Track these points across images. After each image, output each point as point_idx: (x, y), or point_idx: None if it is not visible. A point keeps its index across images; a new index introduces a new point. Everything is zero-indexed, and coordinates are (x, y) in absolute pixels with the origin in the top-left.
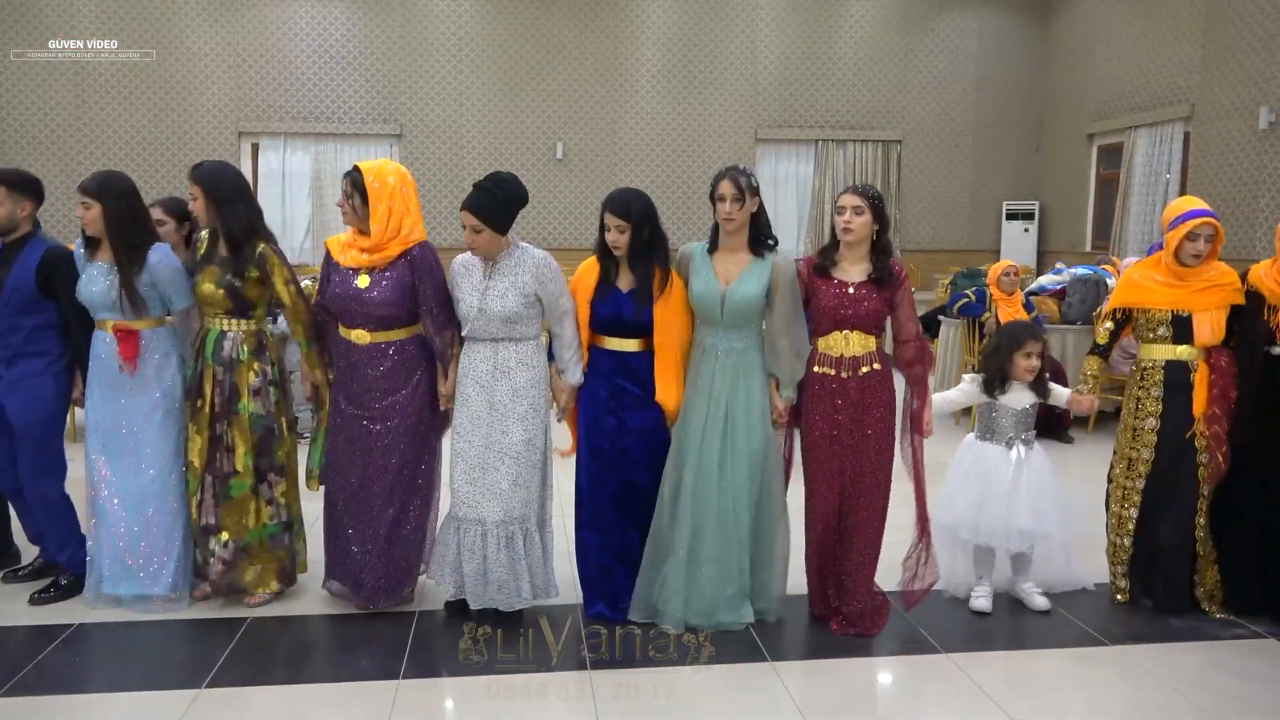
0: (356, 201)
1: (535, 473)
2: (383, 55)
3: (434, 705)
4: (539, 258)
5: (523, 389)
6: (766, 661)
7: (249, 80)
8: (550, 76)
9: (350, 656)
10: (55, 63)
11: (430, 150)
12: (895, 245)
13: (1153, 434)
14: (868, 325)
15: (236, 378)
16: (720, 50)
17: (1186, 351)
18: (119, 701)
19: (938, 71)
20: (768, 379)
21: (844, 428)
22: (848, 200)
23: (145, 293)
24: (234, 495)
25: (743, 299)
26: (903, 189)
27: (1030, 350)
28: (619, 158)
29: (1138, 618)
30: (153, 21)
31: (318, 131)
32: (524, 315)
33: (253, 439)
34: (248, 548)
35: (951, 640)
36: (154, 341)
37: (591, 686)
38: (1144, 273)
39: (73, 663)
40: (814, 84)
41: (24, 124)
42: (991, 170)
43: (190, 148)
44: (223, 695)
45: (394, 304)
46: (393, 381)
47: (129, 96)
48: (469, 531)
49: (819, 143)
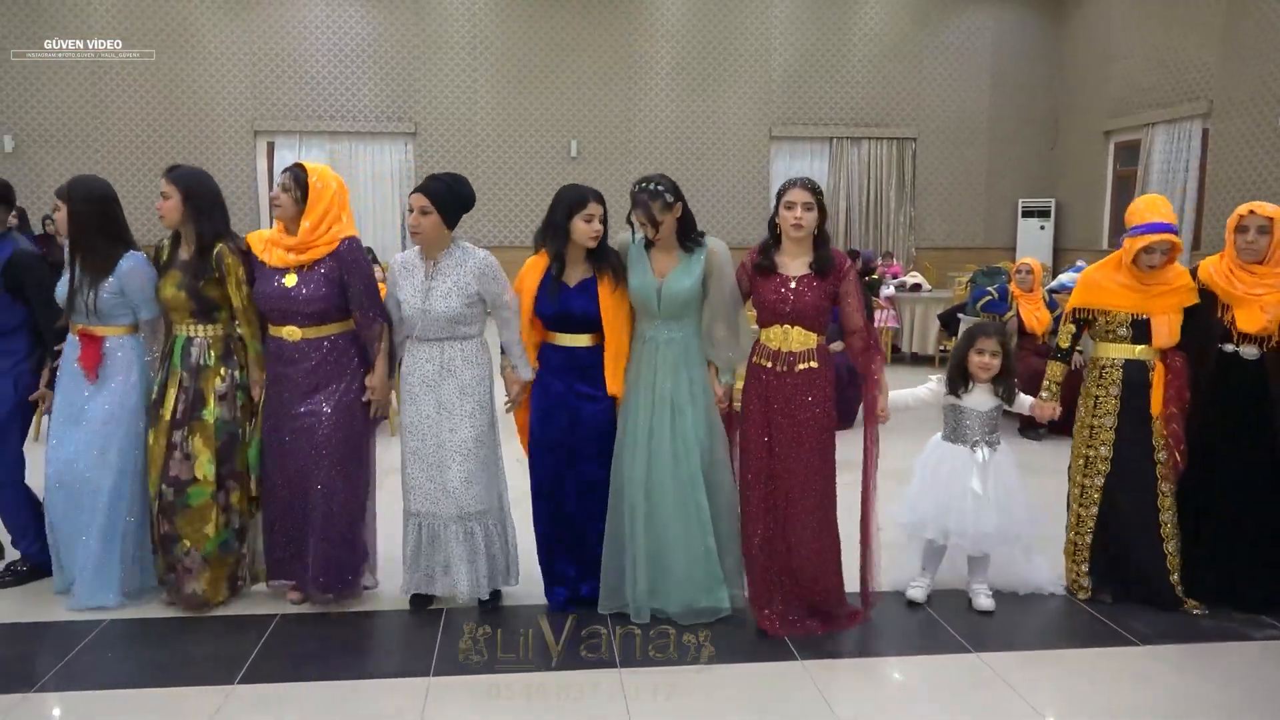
0: (297, 195)
1: (487, 468)
2: (397, 54)
3: (466, 703)
4: (480, 257)
5: (469, 387)
6: (797, 661)
7: (265, 79)
8: (564, 75)
9: (381, 654)
10: (70, 62)
11: (445, 148)
12: (910, 243)
13: (1110, 432)
14: (809, 320)
15: (202, 383)
16: (734, 48)
17: (1144, 351)
18: (153, 697)
19: (953, 68)
20: (707, 365)
21: (777, 422)
22: (798, 196)
23: (112, 300)
24: (193, 504)
25: (678, 291)
26: (917, 186)
27: (983, 347)
28: (633, 155)
29: (1168, 619)
30: (168, 21)
31: (333, 130)
32: (467, 315)
33: (217, 445)
34: (207, 558)
35: (946, 641)
36: (118, 350)
37: (622, 686)
38: (1104, 274)
39: (106, 659)
40: (828, 81)
41: (41, 123)
42: (1007, 167)
43: (206, 147)
44: (255, 691)
45: (323, 299)
46: (326, 376)
47: (145, 96)
48: (427, 527)
49: (833, 140)
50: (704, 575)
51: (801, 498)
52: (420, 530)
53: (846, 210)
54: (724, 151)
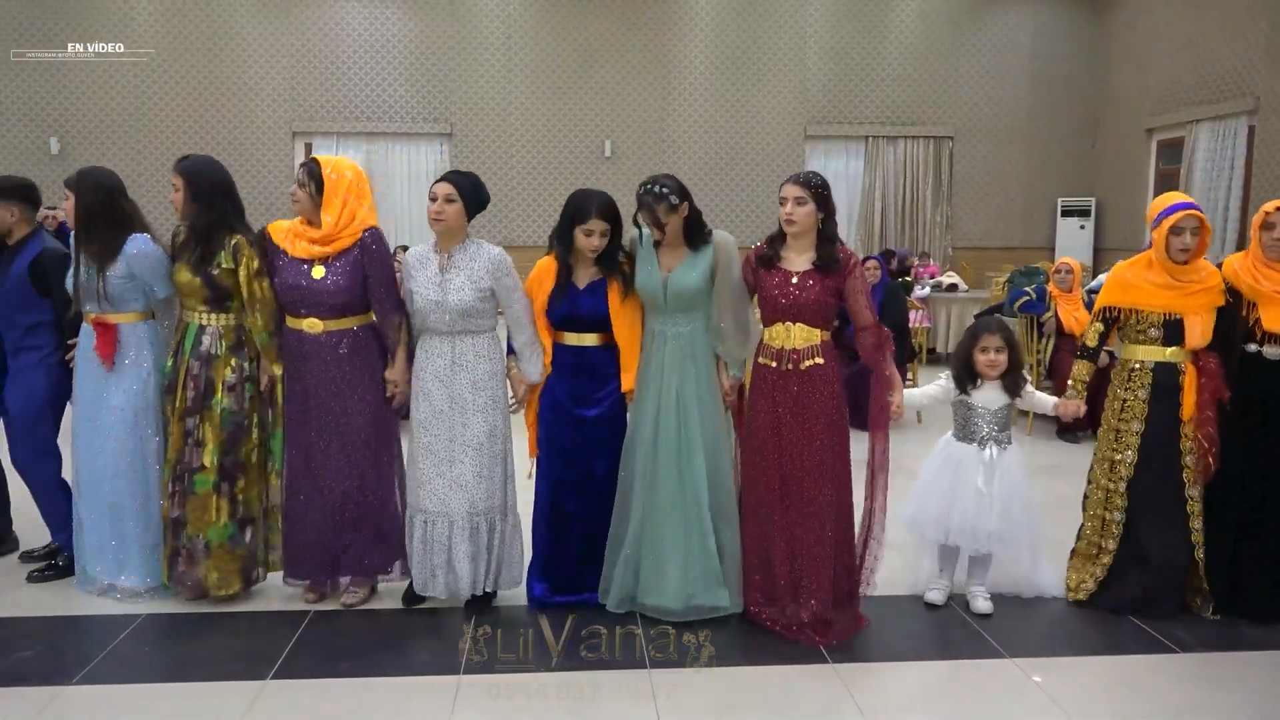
0: (312, 189)
1: (498, 464)
2: (433, 55)
3: (495, 701)
4: (494, 253)
5: (482, 381)
6: (829, 664)
7: (302, 81)
8: (598, 74)
9: (412, 651)
10: (112, 62)
11: (480, 149)
12: (946, 242)
13: (1136, 436)
14: (811, 317)
15: (213, 373)
16: (769, 46)
17: (1175, 353)
18: (189, 692)
19: (990, 66)
20: (716, 360)
21: (786, 422)
22: (789, 191)
23: (122, 284)
24: (197, 491)
25: (684, 285)
26: (954, 185)
27: (986, 345)
28: (667, 155)
29: (1204, 626)
30: (208, 23)
31: (369, 131)
32: (479, 309)
33: (222, 435)
34: (209, 545)
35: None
36: (132, 337)
37: (652, 686)
38: (1136, 273)
39: (142, 652)
40: (864, 79)
41: (85, 125)
42: (1046, 166)
43: (246, 147)
44: (289, 687)
45: (349, 290)
46: (349, 370)
47: (186, 98)
48: (436, 524)
49: (869, 139)
50: (703, 573)
51: (817, 496)
52: (426, 527)
53: (882, 210)
54: (758, 151)
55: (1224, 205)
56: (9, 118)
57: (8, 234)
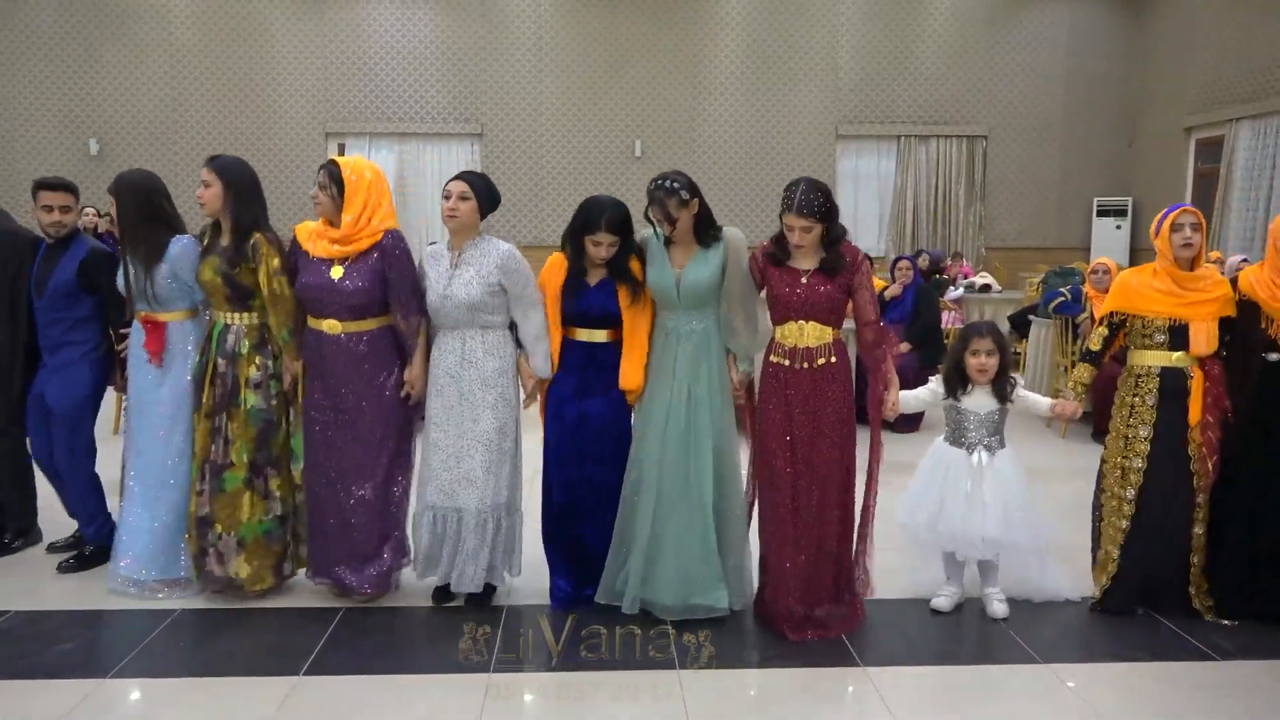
0: (334, 192)
1: (507, 460)
2: (464, 56)
3: (525, 699)
4: (504, 249)
5: (491, 378)
6: (859, 667)
7: (335, 82)
8: (629, 74)
9: (442, 648)
10: (149, 63)
11: (510, 149)
12: (979, 243)
13: (1145, 442)
14: (823, 315)
15: (238, 371)
16: (800, 45)
17: (1181, 358)
18: (223, 686)
19: (1025, 64)
20: (727, 356)
21: (797, 420)
22: (794, 222)
23: (167, 284)
24: (227, 488)
25: (697, 281)
26: (988, 185)
27: (977, 348)
28: (697, 155)
29: (1244, 633)
30: (244, 25)
31: (401, 132)
32: (488, 303)
33: (252, 432)
34: (242, 542)
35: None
36: (179, 335)
37: (680, 686)
38: (1141, 279)
39: (177, 647)
40: (896, 78)
41: (123, 126)
42: (1081, 165)
43: (279, 148)
44: (321, 683)
45: (367, 292)
46: (366, 370)
47: (221, 99)
48: (446, 520)
49: (901, 138)
50: (702, 572)
51: (825, 495)
52: (435, 523)
53: (914, 209)
54: (789, 150)
55: (1265, 206)
56: (50, 119)
57: (56, 230)
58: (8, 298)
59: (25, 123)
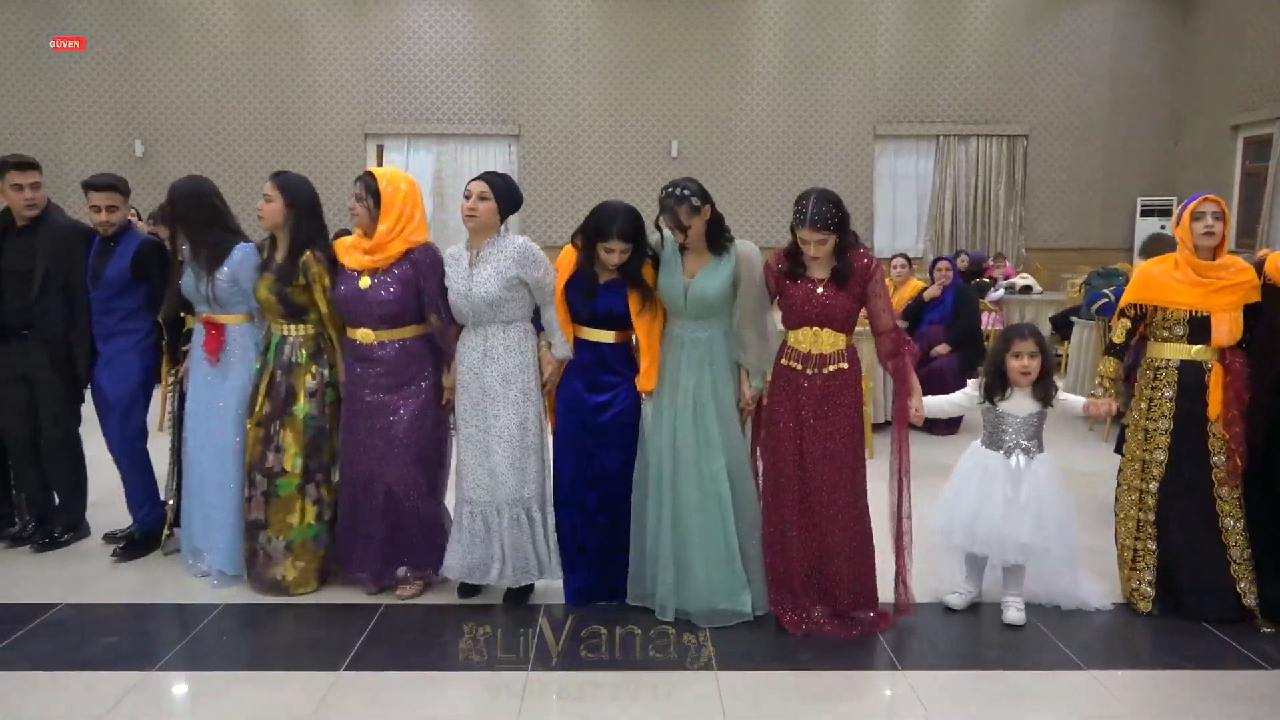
0: (370, 204)
1: (531, 455)
2: (502, 57)
3: (562, 698)
4: (519, 243)
5: (512, 374)
6: (899, 670)
7: (374, 83)
8: (665, 74)
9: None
10: (193, 66)
11: (547, 150)
12: (1020, 243)
13: (1165, 435)
14: (838, 323)
15: (294, 380)
16: (838, 43)
17: (1201, 351)
18: (265, 680)
19: (1068, 62)
20: (735, 368)
21: (808, 425)
22: (809, 236)
23: (228, 288)
24: (281, 494)
25: (705, 292)
26: (1029, 185)
27: (1020, 350)
28: (734, 155)
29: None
30: (285, 28)
31: (439, 133)
32: (507, 298)
33: (305, 439)
34: (290, 545)
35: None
36: (237, 337)
37: (718, 685)
38: (1163, 270)
39: (221, 641)
40: (936, 76)
41: (167, 128)
42: (1125, 165)
43: (319, 149)
44: (361, 679)
45: (395, 302)
46: (399, 378)
47: (262, 101)
48: (478, 515)
49: (940, 138)
50: (726, 577)
51: (834, 498)
52: (473, 518)
53: (952, 210)
54: (827, 150)
55: None
56: (97, 121)
57: (105, 228)
58: (64, 288)
59: (73, 124)
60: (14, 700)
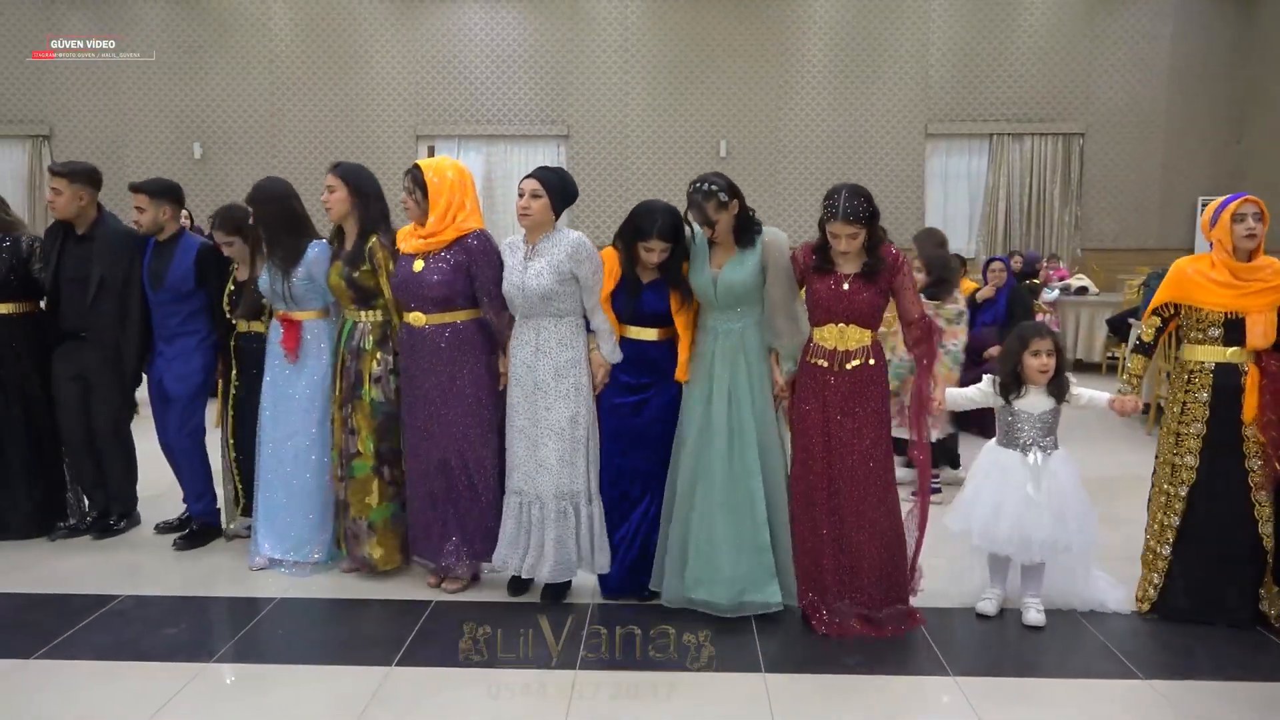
0: (419, 196)
1: (581, 449)
2: (551, 58)
3: (609, 697)
4: (574, 238)
5: (564, 368)
6: (948, 676)
7: (426, 85)
8: (714, 74)
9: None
10: (251, 69)
11: (596, 150)
12: (1075, 243)
13: (1198, 439)
14: (864, 318)
15: (361, 366)
16: (889, 41)
17: (1236, 354)
18: (319, 674)
19: (1126, 58)
20: (768, 356)
21: (835, 421)
22: (840, 229)
23: (304, 286)
24: (357, 475)
25: (733, 282)
26: (1085, 184)
27: (1038, 348)
28: (782, 155)
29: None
30: (339, 29)
31: (489, 134)
32: (560, 292)
33: (374, 423)
34: (372, 525)
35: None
36: (314, 332)
37: (766, 687)
38: (1198, 269)
39: (277, 635)
40: (989, 74)
41: (225, 130)
42: (1185, 163)
43: (372, 151)
44: (413, 674)
45: (446, 285)
46: (449, 361)
47: (317, 102)
48: (528, 506)
49: (993, 136)
50: (754, 568)
51: (864, 495)
52: (521, 509)
53: (1006, 210)
54: (877, 149)
55: None
56: (158, 126)
57: (159, 231)
58: (120, 290)
59: (134, 127)
60: (78, 690)
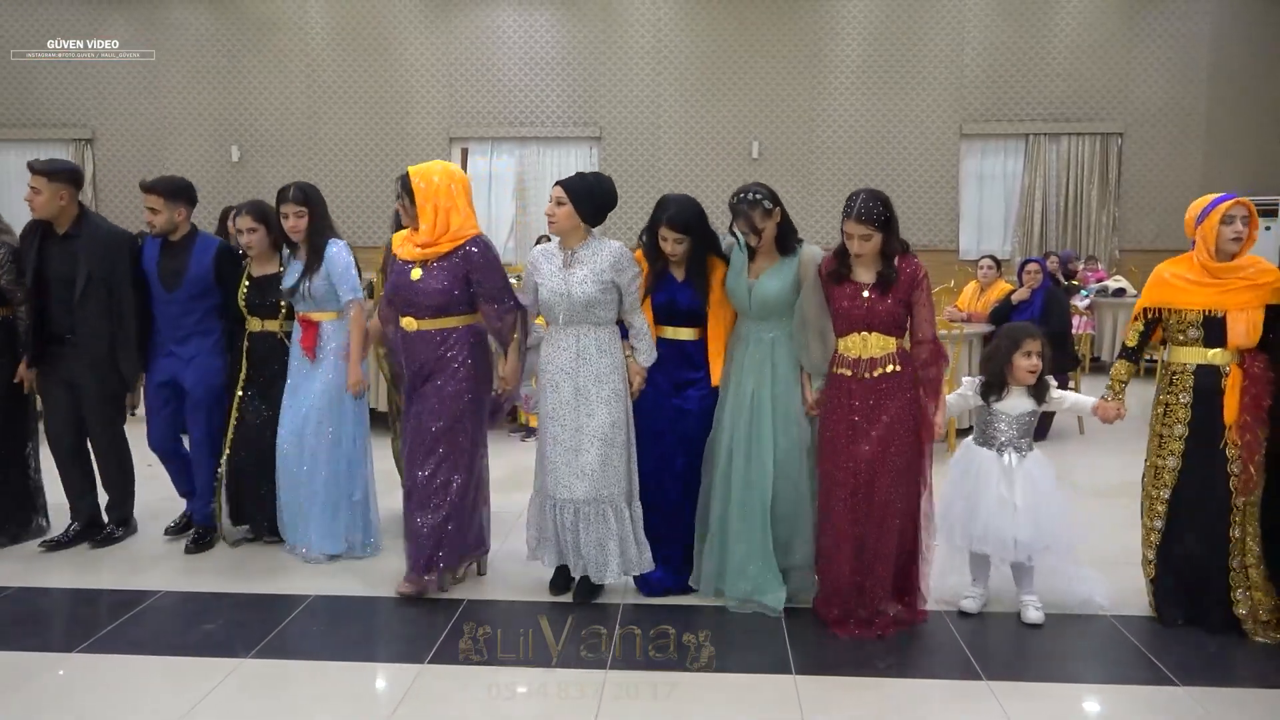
0: (406, 202)
1: (622, 453)
2: (584, 60)
3: (640, 697)
4: (616, 248)
5: (605, 374)
6: (982, 681)
7: (460, 88)
8: (747, 76)
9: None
10: (288, 72)
11: (628, 152)
12: (1113, 245)
13: (1180, 441)
14: (885, 326)
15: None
16: (923, 41)
17: (1218, 355)
18: (353, 670)
19: (1165, 57)
20: (797, 368)
21: (861, 429)
22: (854, 229)
23: (324, 285)
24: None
25: (768, 292)
26: (1123, 185)
27: (1030, 349)
28: (815, 156)
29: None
30: (375, 33)
31: (522, 136)
32: (601, 300)
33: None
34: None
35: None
36: (330, 334)
37: (796, 688)
38: (1175, 271)
39: (310, 631)
40: (1025, 74)
41: (262, 132)
42: (1226, 163)
43: (407, 152)
44: (444, 671)
45: (443, 293)
46: (435, 367)
47: (352, 105)
48: (564, 510)
49: (1029, 137)
50: (760, 572)
51: (887, 503)
52: (559, 514)
53: (1043, 211)
54: (912, 150)
55: None
56: (197, 128)
57: (172, 231)
58: (109, 290)
59: (173, 130)
60: (117, 684)
